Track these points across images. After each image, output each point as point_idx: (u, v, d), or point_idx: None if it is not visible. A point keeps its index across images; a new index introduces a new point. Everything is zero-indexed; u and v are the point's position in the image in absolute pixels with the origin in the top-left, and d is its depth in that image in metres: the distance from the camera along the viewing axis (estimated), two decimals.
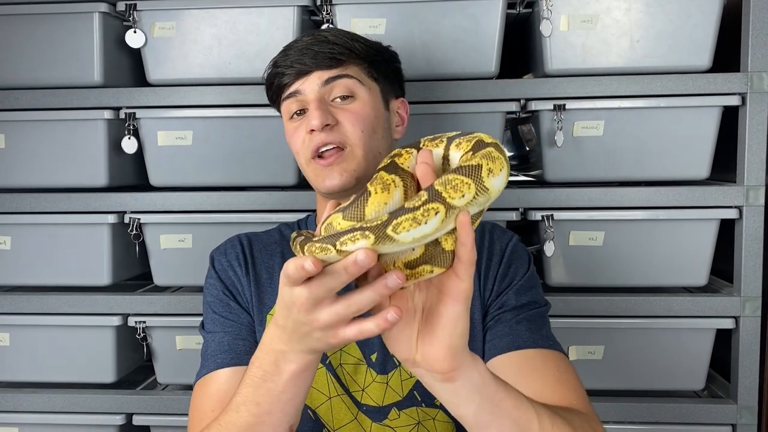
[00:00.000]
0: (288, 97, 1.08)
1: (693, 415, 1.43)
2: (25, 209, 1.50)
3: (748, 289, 1.41)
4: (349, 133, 1.04)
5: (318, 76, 1.06)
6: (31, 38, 1.47)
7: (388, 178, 0.70)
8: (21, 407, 1.52)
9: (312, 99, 1.05)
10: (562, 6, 1.40)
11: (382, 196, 0.69)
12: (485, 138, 0.71)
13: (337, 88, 1.06)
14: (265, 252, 1.13)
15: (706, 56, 1.40)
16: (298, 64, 1.06)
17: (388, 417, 1.05)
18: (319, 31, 1.10)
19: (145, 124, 1.48)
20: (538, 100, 1.42)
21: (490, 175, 0.65)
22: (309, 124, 1.03)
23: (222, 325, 1.08)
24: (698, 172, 1.43)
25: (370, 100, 1.08)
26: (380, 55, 1.13)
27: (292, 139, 1.09)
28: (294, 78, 1.07)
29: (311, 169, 1.06)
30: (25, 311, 1.51)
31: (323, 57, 1.05)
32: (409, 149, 0.76)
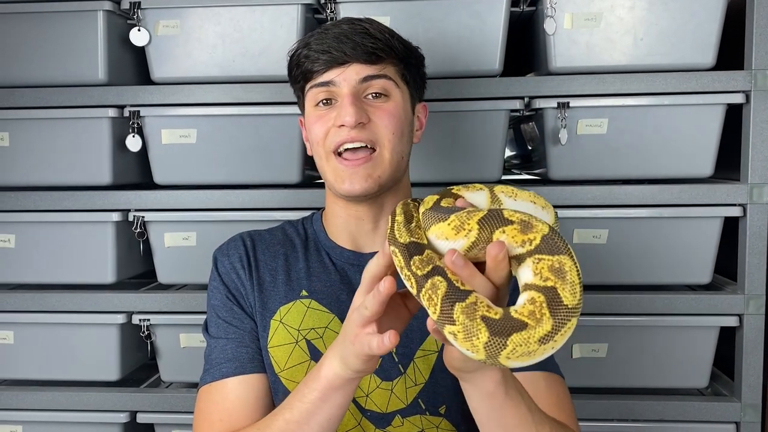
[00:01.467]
0: (319, 86, 1.03)
1: (697, 413, 1.43)
2: (29, 207, 1.51)
3: (752, 287, 1.41)
4: (381, 134, 1.01)
5: (356, 71, 1.01)
6: (36, 36, 1.48)
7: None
8: (25, 405, 1.52)
9: (347, 93, 1.01)
10: (565, 4, 1.40)
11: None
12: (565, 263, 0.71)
13: (373, 87, 1.02)
14: (268, 253, 1.11)
15: (710, 54, 1.40)
16: (336, 51, 1.00)
17: (391, 424, 1.04)
18: (358, 20, 1.05)
19: (149, 122, 1.48)
20: (542, 98, 1.42)
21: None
22: (341, 119, 1.00)
23: (225, 331, 1.07)
24: (702, 170, 1.43)
25: (402, 102, 1.05)
26: (413, 57, 1.10)
27: (314, 127, 1.04)
28: (328, 66, 1.01)
29: (331, 166, 1.03)
30: (29, 309, 1.52)
31: (363, 50, 1.00)
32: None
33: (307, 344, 1.05)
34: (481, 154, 1.45)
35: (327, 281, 1.08)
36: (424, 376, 1.04)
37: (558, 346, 0.69)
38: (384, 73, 1.03)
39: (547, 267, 0.69)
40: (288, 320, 1.06)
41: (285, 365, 1.05)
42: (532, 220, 0.71)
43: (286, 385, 1.05)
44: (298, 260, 1.10)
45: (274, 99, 1.46)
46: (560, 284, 0.68)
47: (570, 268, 0.68)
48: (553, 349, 0.69)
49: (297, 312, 1.07)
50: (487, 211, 0.73)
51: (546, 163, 1.46)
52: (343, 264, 1.09)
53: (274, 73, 1.45)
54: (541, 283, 0.69)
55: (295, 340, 1.05)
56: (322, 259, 1.11)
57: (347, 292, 1.07)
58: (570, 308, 0.68)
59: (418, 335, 1.05)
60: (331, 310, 1.07)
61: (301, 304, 1.07)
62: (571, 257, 0.69)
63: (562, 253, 0.69)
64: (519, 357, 0.68)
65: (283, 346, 1.06)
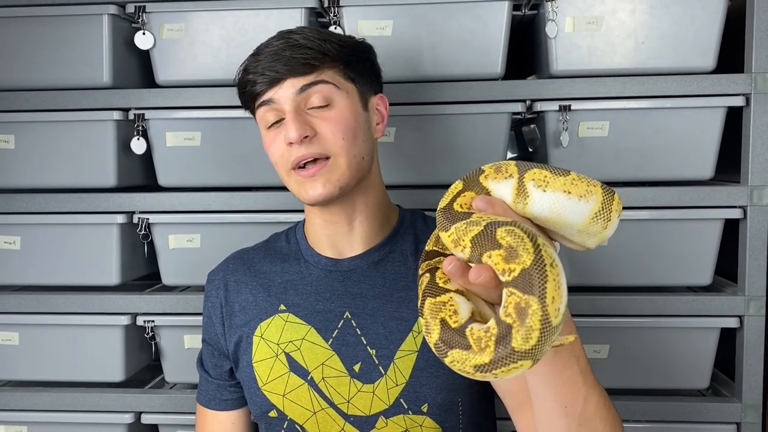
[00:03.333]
0: (262, 105, 1.04)
1: (697, 414, 1.44)
2: (34, 209, 1.52)
3: (753, 288, 1.42)
4: (330, 143, 1.01)
5: (292, 84, 1.01)
6: (41, 40, 1.49)
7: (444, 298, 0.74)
8: (30, 406, 1.53)
9: (288, 109, 1.01)
10: (567, 8, 1.41)
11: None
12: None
13: (313, 96, 1.01)
14: (249, 274, 1.16)
15: (710, 57, 1.41)
16: (270, 71, 1.01)
17: (375, 426, 1.05)
18: (289, 34, 1.05)
19: (154, 125, 1.49)
20: (543, 101, 1.43)
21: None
22: (287, 137, 1.00)
23: (207, 365, 1.19)
24: (703, 173, 1.44)
25: (349, 104, 1.04)
26: (355, 53, 1.07)
27: (270, 150, 1.05)
28: (267, 86, 1.02)
29: (293, 180, 1.04)
30: (34, 311, 1.52)
31: (296, 63, 1.00)
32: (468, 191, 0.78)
33: (286, 357, 1.08)
34: (483, 157, 1.46)
35: (304, 293, 1.11)
36: (405, 376, 1.05)
37: (503, 378, 0.67)
38: (321, 79, 1.02)
39: (514, 304, 0.66)
40: (268, 335, 1.10)
41: (267, 379, 1.09)
42: (520, 247, 0.67)
43: (269, 398, 1.09)
44: (277, 275, 1.14)
45: None
46: (517, 325, 0.65)
47: (534, 312, 0.65)
48: (494, 377, 0.67)
49: (276, 326, 1.10)
50: (483, 228, 0.70)
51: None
52: (320, 272, 1.12)
53: None
54: (503, 318, 0.67)
55: (275, 354, 1.09)
56: (301, 269, 1.13)
57: (323, 301, 1.10)
58: (516, 351, 0.65)
59: (397, 336, 1.07)
60: (307, 321, 1.09)
61: (279, 318, 1.10)
62: (542, 300, 0.65)
63: (532, 294, 0.65)
64: (458, 371, 0.70)
65: (264, 360, 1.09)
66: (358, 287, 1.09)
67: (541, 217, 0.75)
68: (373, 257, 1.11)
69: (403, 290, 1.08)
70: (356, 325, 1.07)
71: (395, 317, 1.07)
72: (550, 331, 0.65)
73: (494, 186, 0.78)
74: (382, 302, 1.08)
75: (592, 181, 0.75)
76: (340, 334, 1.07)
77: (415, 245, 1.12)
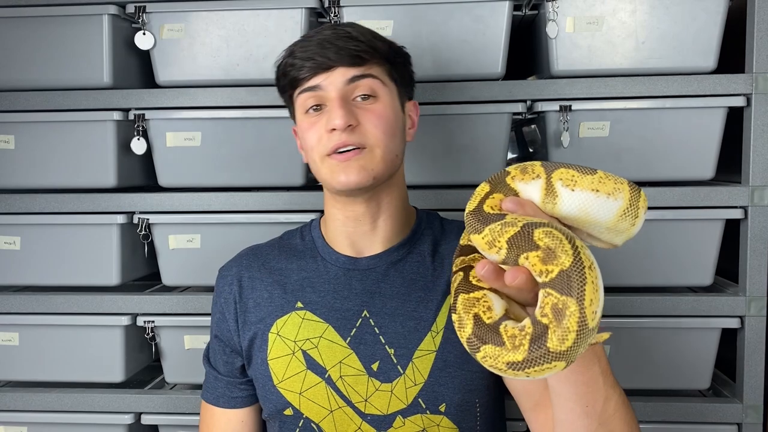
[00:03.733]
0: (306, 91, 1.05)
1: (698, 415, 1.44)
2: (34, 209, 1.51)
3: (754, 288, 1.42)
4: (371, 135, 1.02)
5: (341, 73, 1.02)
6: (41, 40, 1.49)
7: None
8: (30, 406, 1.53)
9: (334, 96, 1.02)
10: (567, 8, 1.41)
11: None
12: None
13: (360, 88, 1.03)
14: (264, 270, 1.15)
15: (711, 57, 1.41)
16: (319, 57, 1.02)
17: (392, 425, 1.05)
18: (340, 26, 1.07)
19: (154, 125, 1.49)
20: (544, 101, 1.43)
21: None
22: (330, 123, 1.01)
23: (216, 362, 1.18)
24: (703, 173, 1.44)
25: (391, 101, 1.06)
26: (399, 56, 1.11)
27: (307, 135, 1.05)
28: (313, 72, 1.03)
29: (326, 166, 1.04)
30: (35, 311, 1.52)
31: (347, 53, 1.02)
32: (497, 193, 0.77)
33: (303, 354, 1.08)
34: (484, 157, 1.46)
35: (321, 291, 1.11)
36: (423, 375, 1.05)
37: (535, 378, 0.67)
38: (370, 72, 1.04)
39: (551, 305, 0.65)
40: (284, 332, 1.10)
41: (283, 376, 1.08)
42: (559, 249, 0.66)
43: (285, 396, 1.08)
44: (293, 272, 1.13)
45: (278, 102, 1.43)
46: (553, 325, 0.65)
47: (571, 313, 0.64)
48: (526, 376, 0.67)
49: (293, 324, 1.10)
50: (519, 229, 0.69)
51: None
52: (338, 270, 1.11)
53: None
54: (539, 318, 0.66)
55: (292, 351, 1.08)
56: (317, 266, 1.13)
57: (341, 300, 1.09)
58: (551, 352, 0.65)
59: (415, 336, 1.07)
60: (325, 319, 1.09)
61: (296, 315, 1.10)
62: (580, 302, 0.65)
63: (570, 296, 0.65)
64: (489, 367, 0.69)
65: (281, 358, 1.09)
66: (376, 286, 1.09)
67: (570, 216, 0.75)
68: (392, 257, 1.11)
69: (422, 290, 1.09)
70: (374, 324, 1.07)
71: (414, 317, 1.07)
72: (587, 334, 0.65)
73: (522, 187, 0.77)
74: (400, 302, 1.08)
75: (619, 178, 0.75)
76: (358, 333, 1.07)
77: (433, 246, 1.13)
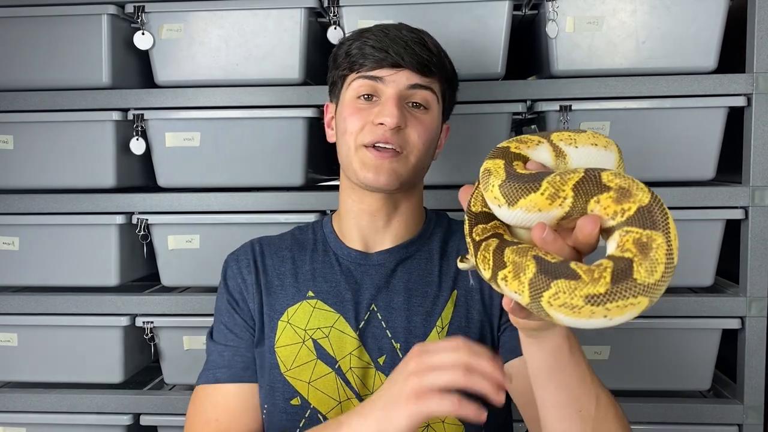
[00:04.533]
0: (366, 78, 1.06)
1: (699, 415, 1.43)
2: (33, 210, 1.51)
3: (754, 289, 1.42)
4: (412, 142, 1.05)
5: (406, 76, 1.05)
6: (40, 40, 1.48)
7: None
8: (29, 407, 1.52)
9: (392, 94, 1.04)
10: (567, 8, 1.41)
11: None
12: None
13: (416, 96, 1.06)
14: (276, 257, 1.15)
15: (711, 57, 1.40)
16: (393, 53, 1.04)
17: None
18: (417, 30, 1.09)
19: (153, 125, 1.49)
20: (544, 101, 1.42)
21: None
22: (381, 117, 1.03)
23: (225, 337, 1.12)
24: (704, 173, 1.43)
25: (436, 117, 1.10)
26: (455, 80, 1.15)
27: (350, 119, 1.06)
28: (380, 64, 1.05)
29: (359, 156, 1.05)
30: (33, 312, 1.52)
31: (419, 60, 1.05)
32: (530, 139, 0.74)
33: (313, 343, 1.08)
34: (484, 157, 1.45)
35: (333, 281, 1.11)
36: None
37: (614, 319, 0.60)
38: (430, 86, 1.07)
39: (633, 240, 0.60)
40: (295, 321, 1.09)
41: (291, 365, 1.08)
42: (633, 187, 0.62)
43: (293, 385, 1.07)
44: (305, 262, 1.14)
45: (277, 102, 1.46)
46: (639, 258, 0.59)
47: (658, 246, 0.59)
48: (605, 318, 0.59)
49: (303, 312, 1.10)
50: (583, 173, 0.64)
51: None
52: (349, 264, 1.13)
53: (278, 77, 1.46)
54: (618, 254, 0.60)
55: (302, 339, 1.08)
56: (329, 259, 1.14)
57: (352, 292, 1.10)
58: (639, 283, 0.59)
59: (421, 331, 1.08)
60: (336, 310, 1.10)
61: (307, 304, 1.10)
62: (666, 235, 0.60)
63: (655, 229, 0.60)
64: (561, 307, 0.60)
65: (289, 345, 1.08)
66: (385, 281, 1.11)
67: None
68: (401, 254, 1.13)
69: (429, 287, 1.11)
70: (382, 318, 1.08)
71: (420, 312, 1.09)
72: (672, 270, 0.60)
73: (531, 153, 0.75)
74: (407, 297, 1.09)
75: (597, 133, 0.77)
76: (366, 326, 1.08)
77: (442, 245, 1.15)
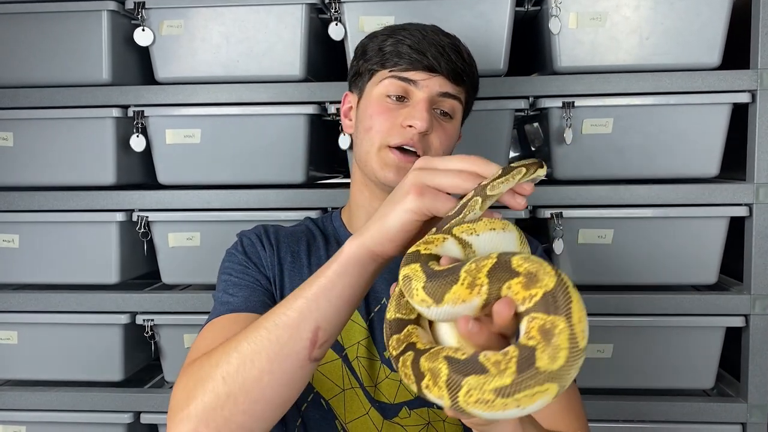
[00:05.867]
0: (399, 79, 1.05)
1: (702, 414, 1.43)
2: (33, 207, 1.51)
3: (758, 287, 1.41)
4: (434, 148, 1.05)
5: (440, 83, 1.04)
6: (40, 37, 1.48)
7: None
8: (29, 405, 1.52)
9: (424, 98, 1.04)
10: (570, 3, 1.40)
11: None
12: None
13: (445, 104, 1.06)
14: (291, 238, 1.13)
15: (715, 53, 1.39)
16: (432, 58, 1.04)
17: (398, 415, 1.05)
18: (452, 36, 1.09)
19: (154, 122, 1.48)
20: (546, 98, 1.41)
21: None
22: (411, 119, 1.02)
23: (235, 287, 1.04)
24: (708, 170, 1.42)
25: (458, 125, 1.11)
26: (477, 92, 1.15)
27: (377, 118, 1.05)
28: (415, 65, 1.04)
29: (382, 156, 1.04)
30: (33, 309, 1.51)
31: (454, 69, 1.05)
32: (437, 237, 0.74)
33: None
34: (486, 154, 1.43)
35: None
36: None
37: (527, 408, 0.60)
38: (459, 95, 1.08)
39: (537, 327, 0.61)
40: None
41: None
42: (540, 271, 0.63)
43: None
44: (319, 249, 1.13)
45: (278, 99, 1.46)
46: (542, 345, 0.60)
47: (561, 331, 0.59)
48: (518, 408, 0.60)
49: None
50: (495, 259, 0.65)
51: (551, 162, 1.46)
52: None
53: (279, 73, 1.45)
54: (524, 342, 0.61)
55: None
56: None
57: None
58: (542, 371, 0.59)
59: None
60: None
61: None
62: (569, 320, 0.60)
63: (558, 314, 0.60)
64: (477, 404, 0.62)
65: None
66: (395, 275, 1.08)
67: None
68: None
69: None
70: None
71: None
72: (578, 353, 0.60)
73: (441, 251, 0.75)
74: None
75: (492, 219, 0.77)
76: (376, 318, 1.08)
77: None
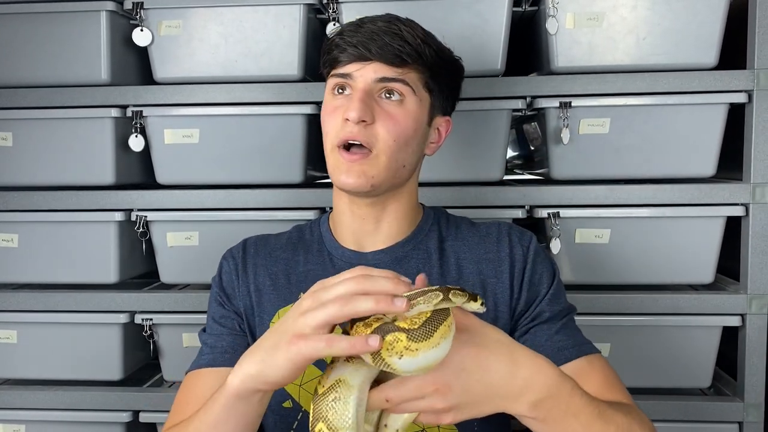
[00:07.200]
0: (337, 76, 1.04)
1: (699, 413, 1.43)
2: (32, 207, 1.51)
3: (755, 286, 1.41)
4: (381, 138, 1.01)
5: (375, 69, 1.01)
6: (39, 37, 1.48)
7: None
8: (28, 404, 1.52)
9: (359, 88, 1.01)
10: (568, 4, 1.40)
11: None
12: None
13: (388, 89, 1.02)
14: (270, 258, 1.13)
15: (712, 53, 1.40)
16: (362, 47, 1.01)
17: None
18: (396, 20, 1.05)
19: (152, 122, 1.48)
20: (544, 98, 1.42)
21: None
22: (347, 112, 1.00)
23: (212, 329, 1.11)
24: (704, 170, 1.43)
25: (416, 111, 1.04)
26: (445, 67, 1.09)
27: (327, 118, 1.05)
28: (351, 59, 1.02)
29: (333, 158, 1.04)
30: (33, 309, 1.52)
31: (389, 51, 1.01)
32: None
33: None
34: (483, 154, 1.45)
35: None
36: None
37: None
38: (403, 78, 1.02)
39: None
40: None
41: None
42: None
43: (284, 387, 1.06)
44: (299, 264, 1.13)
45: (276, 99, 1.46)
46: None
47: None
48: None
49: None
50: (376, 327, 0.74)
51: (548, 162, 1.46)
52: (343, 265, 1.10)
53: (277, 73, 1.46)
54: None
55: None
56: (323, 260, 1.12)
57: None
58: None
59: None
60: None
61: None
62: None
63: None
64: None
65: None
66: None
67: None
68: (396, 253, 1.11)
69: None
70: None
71: None
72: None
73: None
74: None
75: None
76: None
77: (439, 243, 1.12)
